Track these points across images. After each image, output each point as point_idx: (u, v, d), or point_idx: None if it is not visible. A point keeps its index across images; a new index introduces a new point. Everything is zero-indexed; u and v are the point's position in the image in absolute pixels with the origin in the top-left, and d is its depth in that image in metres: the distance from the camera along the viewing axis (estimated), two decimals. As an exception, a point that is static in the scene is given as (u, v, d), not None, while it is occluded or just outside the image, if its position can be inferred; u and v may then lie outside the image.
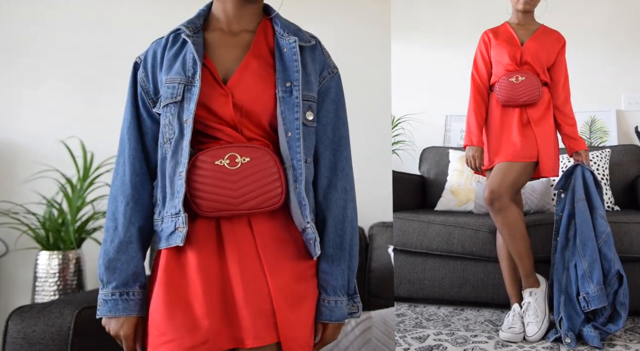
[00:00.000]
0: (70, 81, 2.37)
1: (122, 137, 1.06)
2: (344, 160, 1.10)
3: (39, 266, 2.10)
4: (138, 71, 1.07)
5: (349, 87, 2.21)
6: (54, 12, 2.39)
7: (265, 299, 0.98)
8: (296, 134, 1.00)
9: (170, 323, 0.95)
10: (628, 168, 2.68)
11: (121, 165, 1.04)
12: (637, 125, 2.95)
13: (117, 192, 1.03)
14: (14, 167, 2.35)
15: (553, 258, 1.95)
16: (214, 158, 0.97)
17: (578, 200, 1.89)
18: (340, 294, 1.06)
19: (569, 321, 1.82)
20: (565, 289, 1.87)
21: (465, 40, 3.08)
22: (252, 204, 0.97)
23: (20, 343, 1.42)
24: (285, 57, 1.03)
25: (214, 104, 0.99)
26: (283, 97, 1.01)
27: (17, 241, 2.23)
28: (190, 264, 0.98)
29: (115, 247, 1.00)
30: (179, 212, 0.96)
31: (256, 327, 0.97)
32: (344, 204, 1.08)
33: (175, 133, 0.98)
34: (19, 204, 2.22)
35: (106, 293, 1.00)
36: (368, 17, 2.57)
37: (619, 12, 3.04)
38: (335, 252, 1.06)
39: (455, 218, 2.34)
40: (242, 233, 1.00)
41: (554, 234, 1.97)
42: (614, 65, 3.02)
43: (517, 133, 1.98)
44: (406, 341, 1.90)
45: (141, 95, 1.06)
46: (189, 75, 0.99)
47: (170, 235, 0.98)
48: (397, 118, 3.09)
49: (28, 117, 2.38)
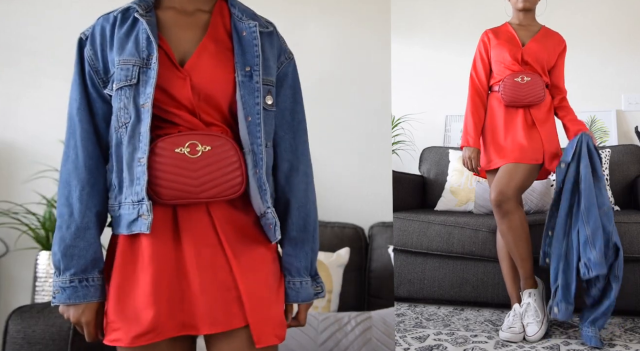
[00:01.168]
0: (70, 81, 2.37)
1: (72, 118, 1.01)
2: (303, 143, 1.11)
3: (39, 267, 2.10)
4: (85, 48, 1.01)
5: (349, 87, 2.23)
6: (54, 12, 2.39)
7: (227, 285, 0.98)
8: (257, 119, 0.99)
9: (118, 311, 0.96)
10: (628, 168, 2.68)
11: (72, 148, 1.00)
12: (637, 125, 2.95)
13: (69, 176, 0.99)
14: (13, 167, 2.35)
15: (549, 228, 1.92)
16: (174, 145, 0.95)
17: (583, 167, 1.85)
18: (304, 275, 1.08)
19: (563, 290, 1.80)
20: (564, 256, 1.84)
21: (465, 40, 3.08)
22: (211, 193, 0.96)
23: (20, 343, 1.42)
24: (244, 41, 1.02)
25: (171, 88, 0.96)
26: (242, 82, 0.99)
27: (17, 241, 2.23)
28: (144, 251, 0.97)
29: (72, 233, 0.97)
30: (142, 199, 0.94)
31: (213, 314, 0.96)
32: (305, 187, 1.09)
33: (132, 117, 0.95)
34: (19, 204, 2.22)
35: (64, 281, 0.97)
36: (368, 16, 2.57)
37: (619, 12, 3.04)
38: (299, 235, 1.07)
39: (455, 218, 2.34)
40: (200, 221, 0.99)
41: (552, 205, 1.93)
42: (614, 65, 3.02)
43: (522, 134, 1.98)
44: (406, 341, 1.90)
45: (90, 74, 1.01)
46: (144, 57, 0.96)
47: (133, 222, 0.96)
48: (397, 118, 3.09)
49: (28, 117, 2.38)
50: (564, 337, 1.91)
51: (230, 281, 0.98)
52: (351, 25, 2.56)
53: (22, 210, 2.20)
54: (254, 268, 1.01)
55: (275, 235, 1.02)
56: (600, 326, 1.82)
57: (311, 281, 1.10)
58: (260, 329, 0.98)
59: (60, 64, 2.43)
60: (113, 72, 0.99)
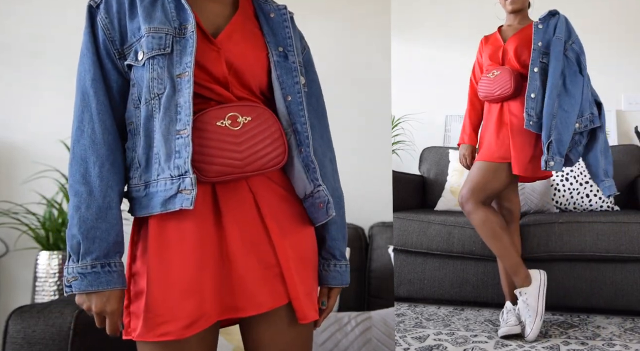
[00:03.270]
0: (70, 81, 2.36)
1: (85, 91, 0.93)
2: (327, 129, 1.11)
3: (39, 267, 2.10)
4: (98, 16, 0.95)
5: (349, 87, 2.23)
6: (54, 11, 2.39)
7: (269, 262, 0.96)
8: (298, 98, 0.98)
9: (162, 301, 0.89)
10: (628, 168, 2.68)
11: (88, 122, 0.91)
12: (637, 125, 2.95)
13: (85, 152, 0.90)
14: (14, 167, 2.35)
15: (530, 92, 1.90)
16: (215, 119, 0.90)
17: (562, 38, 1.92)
18: (345, 258, 1.09)
19: (558, 144, 1.81)
20: (557, 114, 1.84)
21: (465, 40, 3.07)
22: (257, 165, 0.93)
23: (20, 343, 1.42)
24: (273, 22, 1.01)
25: (205, 60, 0.92)
26: (278, 61, 0.98)
27: (17, 241, 2.23)
28: (184, 234, 0.91)
29: (93, 213, 0.89)
30: (186, 172, 0.87)
31: (258, 294, 0.94)
32: (332, 173, 1.09)
33: (167, 88, 0.89)
34: (19, 204, 2.22)
35: (84, 266, 0.88)
36: (368, 16, 2.57)
37: (619, 12, 3.04)
38: (338, 219, 1.07)
39: (455, 218, 2.34)
40: (242, 198, 0.95)
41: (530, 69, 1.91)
42: (614, 65, 3.01)
43: (492, 130, 1.97)
44: (406, 341, 1.89)
45: (105, 44, 0.94)
46: (176, 26, 0.92)
47: (170, 199, 0.89)
48: (397, 118, 3.09)
49: (28, 117, 2.38)
50: (564, 337, 1.91)
51: (272, 258, 0.95)
52: (351, 25, 2.56)
53: (22, 210, 2.20)
54: (295, 245, 0.99)
55: (328, 213, 1.00)
56: (609, 173, 1.89)
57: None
58: (303, 305, 0.96)
59: (60, 64, 2.43)
60: (132, 42, 0.93)
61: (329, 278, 1.05)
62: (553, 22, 1.95)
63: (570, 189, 2.55)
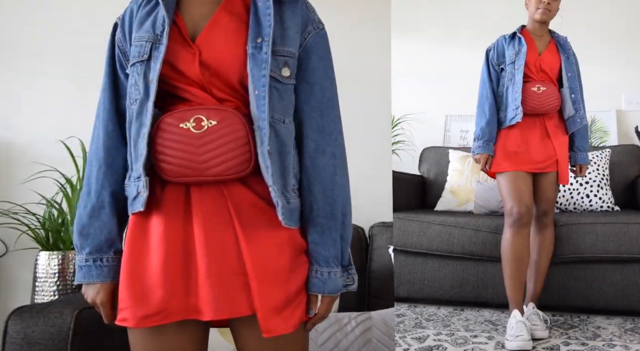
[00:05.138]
0: (70, 81, 2.36)
1: (99, 100, 1.03)
2: (332, 122, 1.03)
3: (38, 267, 2.10)
4: (117, 32, 1.03)
5: (349, 87, 2.21)
6: (54, 12, 2.39)
7: (235, 270, 0.93)
8: (262, 92, 0.93)
9: (128, 290, 0.93)
10: (628, 168, 2.68)
11: (96, 129, 1.02)
12: (637, 125, 2.95)
13: (91, 157, 1.01)
14: (13, 167, 2.35)
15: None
16: (179, 120, 0.91)
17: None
18: (333, 265, 1.00)
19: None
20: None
21: (465, 40, 3.08)
22: (218, 170, 0.90)
23: (20, 343, 1.42)
24: (259, 12, 0.97)
25: (179, 63, 0.93)
26: (252, 54, 0.94)
27: (17, 241, 2.23)
28: (154, 231, 0.94)
29: (88, 212, 0.98)
30: (140, 175, 0.92)
31: (218, 299, 0.91)
32: (332, 170, 1.01)
33: (141, 93, 0.94)
34: (18, 204, 2.22)
35: (80, 259, 0.98)
36: (368, 16, 2.56)
37: (618, 12, 3.04)
38: (326, 221, 0.99)
39: (455, 218, 2.34)
40: (214, 202, 0.94)
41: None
42: (614, 65, 3.02)
43: (537, 143, 2.05)
44: (406, 341, 1.89)
45: (118, 57, 1.02)
46: (158, 33, 0.95)
47: (134, 199, 0.95)
48: (397, 118, 3.09)
49: (28, 117, 2.38)
50: (564, 337, 1.91)
51: (239, 266, 0.93)
52: (351, 25, 2.56)
53: (22, 210, 2.19)
54: (267, 253, 0.94)
55: (279, 218, 0.93)
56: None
57: (341, 272, 1.02)
58: (268, 318, 0.93)
59: (60, 64, 2.43)
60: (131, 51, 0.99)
61: (309, 284, 1.00)
62: (568, 48, 2.14)
63: (570, 189, 2.55)
